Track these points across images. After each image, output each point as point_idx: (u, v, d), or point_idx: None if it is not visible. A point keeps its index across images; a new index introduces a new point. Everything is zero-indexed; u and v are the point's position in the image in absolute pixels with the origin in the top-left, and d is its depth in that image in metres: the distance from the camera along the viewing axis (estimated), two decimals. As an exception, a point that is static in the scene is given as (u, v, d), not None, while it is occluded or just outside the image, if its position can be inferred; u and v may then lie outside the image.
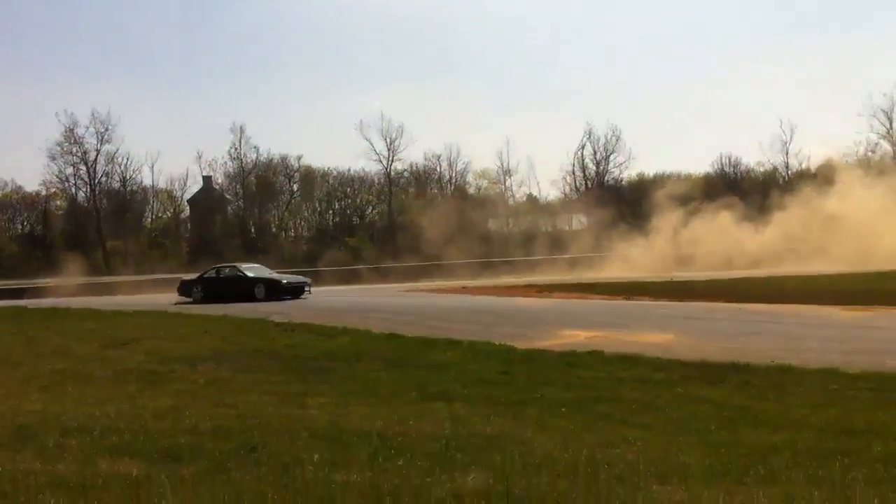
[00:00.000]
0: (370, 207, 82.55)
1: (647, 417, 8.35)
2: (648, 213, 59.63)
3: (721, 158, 79.51)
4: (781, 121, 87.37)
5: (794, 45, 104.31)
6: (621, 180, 79.29)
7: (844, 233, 46.61)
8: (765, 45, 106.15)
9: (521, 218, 76.90)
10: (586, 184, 79.37)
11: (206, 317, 21.71)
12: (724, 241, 52.84)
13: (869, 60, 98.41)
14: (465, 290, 35.67)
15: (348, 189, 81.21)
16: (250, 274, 32.32)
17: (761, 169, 78.17)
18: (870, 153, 71.47)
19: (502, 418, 8.35)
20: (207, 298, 31.21)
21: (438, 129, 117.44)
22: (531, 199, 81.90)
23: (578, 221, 75.05)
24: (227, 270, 33.40)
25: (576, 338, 15.41)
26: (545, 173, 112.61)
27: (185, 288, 33.06)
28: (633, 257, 53.75)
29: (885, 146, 71.17)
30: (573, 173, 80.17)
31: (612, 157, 78.80)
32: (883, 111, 70.40)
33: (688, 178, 76.40)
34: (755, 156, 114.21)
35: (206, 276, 33.30)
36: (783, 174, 75.91)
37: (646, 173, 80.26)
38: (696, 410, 8.68)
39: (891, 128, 70.43)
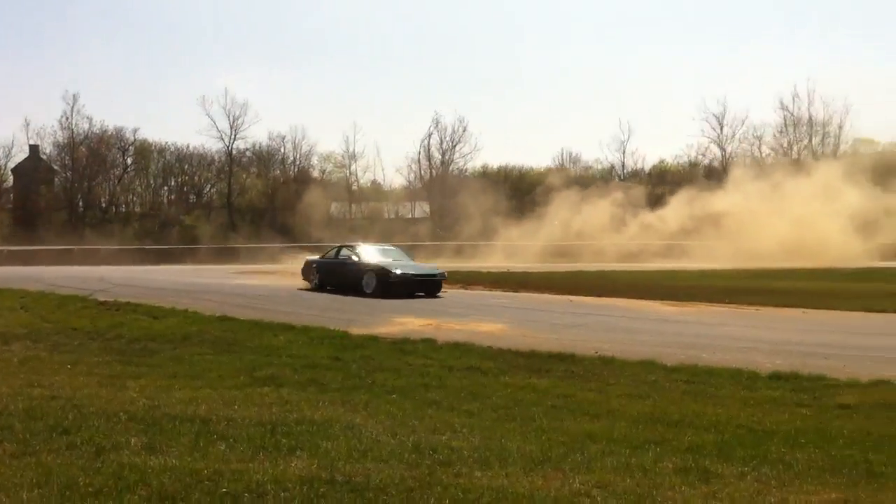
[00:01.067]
0: (209, 186, 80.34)
1: (474, 405, 8.48)
2: (530, 203, 60.68)
3: (563, 153, 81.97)
4: (620, 121, 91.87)
5: (636, 47, 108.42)
6: (465, 171, 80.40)
7: (728, 230, 48.69)
8: (609, 46, 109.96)
9: (365, 204, 76.80)
10: (431, 173, 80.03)
11: (24, 291, 20.59)
12: (607, 234, 54.15)
13: (704, 67, 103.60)
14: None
15: (186, 166, 78.74)
16: (363, 259, 24.26)
17: (599, 166, 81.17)
18: (700, 156, 75.71)
19: (332, 404, 8.29)
20: (324, 285, 24.70)
21: (284, 109, 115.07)
22: (375, 185, 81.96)
23: (421, 209, 75.68)
24: (343, 252, 25.46)
25: (410, 325, 15.50)
26: (391, 160, 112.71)
27: (306, 270, 26.17)
28: (520, 247, 54.41)
29: (715, 150, 75.40)
30: (419, 161, 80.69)
31: (457, 148, 79.74)
32: (714, 116, 74.51)
33: (529, 171, 78.59)
34: (594, 153, 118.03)
35: (325, 258, 26.02)
36: (619, 172, 79.06)
37: (490, 165, 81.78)
38: (522, 399, 8.90)
39: (721, 132, 74.64)
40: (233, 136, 75.72)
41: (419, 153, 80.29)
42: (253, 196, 77.04)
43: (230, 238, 62.31)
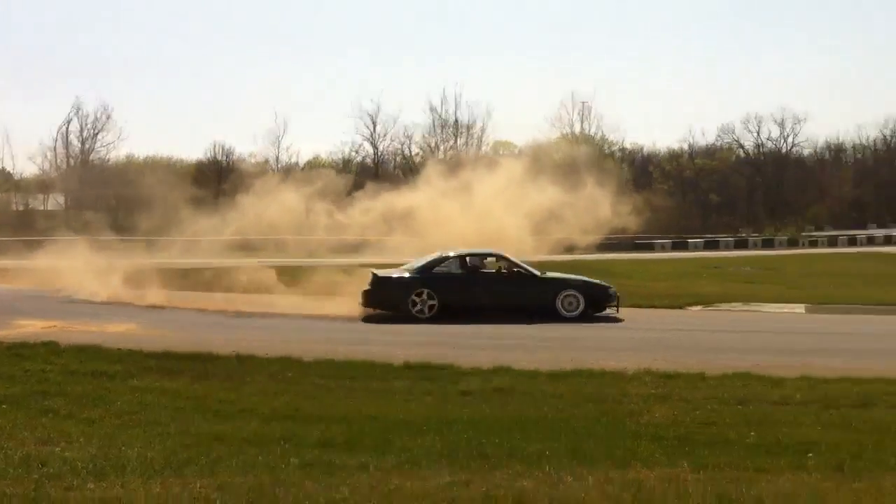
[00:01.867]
0: None
1: (95, 412, 7.98)
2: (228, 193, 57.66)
3: (215, 146, 79.72)
4: (276, 114, 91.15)
5: (291, 40, 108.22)
6: (108, 160, 75.64)
7: (418, 225, 49.14)
8: (264, 46, 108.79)
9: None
10: (68, 161, 74.59)
11: None
12: (300, 227, 52.26)
13: (361, 67, 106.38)
14: None
15: None
16: (540, 273, 18.46)
17: (253, 160, 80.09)
18: (354, 153, 77.97)
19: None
20: (450, 310, 17.32)
21: None
22: (4, 173, 74.76)
23: (55, 201, 70.23)
24: (482, 261, 18.92)
25: (31, 328, 14.19)
26: (24, 147, 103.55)
27: (384, 291, 17.93)
28: (204, 242, 51.14)
29: (368, 147, 78.17)
30: (55, 150, 74.72)
31: (99, 136, 74.93)
32: (369, 115, 77.18)
33: (179, 162, 75.65)
34: (249, 147, 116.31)
35: (437, 270, 18.34)
36: (273, 167, 78.67)
37: (136, 155, 77.72)
38: (150, 402, 8.53)
39: (374, 131, 77.54)
40: None
41: (56, 140, 74.44)
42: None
43: None
